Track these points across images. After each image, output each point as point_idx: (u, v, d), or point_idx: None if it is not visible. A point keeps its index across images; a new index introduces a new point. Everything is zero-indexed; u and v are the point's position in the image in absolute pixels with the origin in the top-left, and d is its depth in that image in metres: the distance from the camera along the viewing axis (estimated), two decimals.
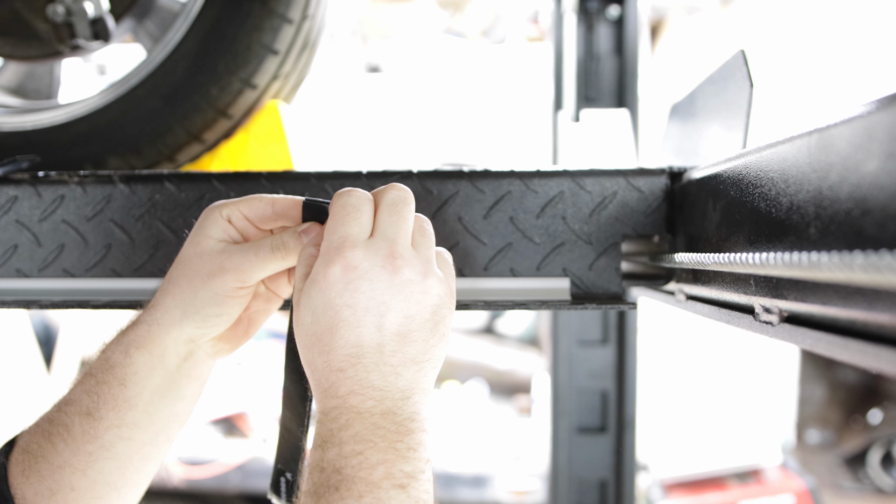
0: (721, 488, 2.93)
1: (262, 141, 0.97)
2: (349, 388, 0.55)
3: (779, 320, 0.50)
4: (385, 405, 0.55)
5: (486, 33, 4.13)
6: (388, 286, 0.57)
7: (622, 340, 1.76)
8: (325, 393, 0.56)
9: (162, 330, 0.64)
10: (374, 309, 0.56)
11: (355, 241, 0.58)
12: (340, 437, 0.54)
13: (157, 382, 0.65)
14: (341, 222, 0.59)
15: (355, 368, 0.56)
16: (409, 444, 0.54)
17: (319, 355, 0.57)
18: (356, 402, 0.55)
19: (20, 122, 0.96)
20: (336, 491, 0.51)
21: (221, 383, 3.60)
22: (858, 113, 0.38)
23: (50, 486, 0.63)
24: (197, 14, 0.90)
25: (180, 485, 3.34)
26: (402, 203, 0.61)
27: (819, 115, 0.43)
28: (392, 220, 0.60)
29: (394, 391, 0.56)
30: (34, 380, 2.88)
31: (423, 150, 3.82)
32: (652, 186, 0.78)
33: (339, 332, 0.56)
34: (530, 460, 3.32)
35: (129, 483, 0.66)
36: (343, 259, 0.57)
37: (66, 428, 0.63)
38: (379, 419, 0.54)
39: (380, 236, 0.59)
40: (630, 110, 1.72)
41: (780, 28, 3.55)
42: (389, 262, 0.57)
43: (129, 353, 0.64)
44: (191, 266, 0.64)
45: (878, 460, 3.69)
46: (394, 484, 0.52)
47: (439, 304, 0.59)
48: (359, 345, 0.56)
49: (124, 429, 0.64)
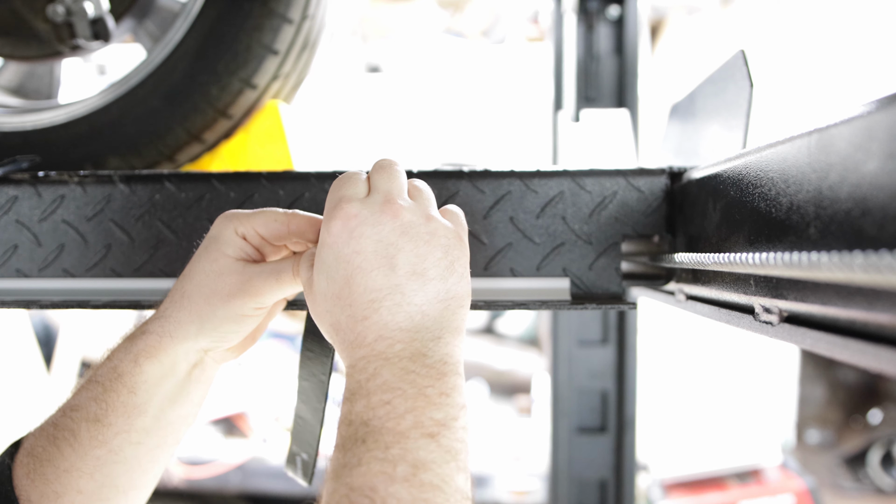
0: (721, 488, 2.93)
1: (262, 141, 0.97)
2: (377, 333, 0.54)
3: (779, 320, 0.50)
4: (414, 346, 0.53)
5: (486, 33, 4.13)
6: (392, 229, 0.56)
7: (622, 340, 1.76)
8: (351, 345, 0.55)
9: (175, 342, 0.64)
10: (383, 251, 0.56)
11: (352, 197, 0.58)
12: (368, 388, 0.52)
13: (167, 390, 0.66)
14: (339, 186, 0.60)
15: (379, 313, 0.54)
16: (441, 390, 0.52)
17: (342, 311, 0.56)
18: (384, 348, 0.53)
19: (20, 122, 0.96)
20: (363, 443, 0.49)
21: (221, 383, 3.60)
22: (858, 113, 0.38)
23: (56, 490, 0.63)
24: (197, 14, 0.90)
25: (180, 485, 3.34)
26: (390, 165, 0.62)
27: (819, 115, 0.43)
28: (384, 176, 0.61)
29: (422, 331, 0.54)
30: (34, 380, 2.88)
31: (423, 150, 3.82)
32: (652, 186, 0.78)
33: (355, 281, 0.55)
34: (530, 460, 3.32)
35: (137, 485, 0.67)
36: (342, 212, 0.57)
37: (72, 433, 0.63)
38: (408, 363, 0.52)
39: (374, 190, 0.60)
40: (630, 110, 1.72)
41: (780, 28, 3.55)
42: (388, 207, 0.57)
43: (138, 363, 0.64)
44: (208, 284, 0.64)
45: (878, 460, 3.69)
46: (423, 433, 0.49)
47: (448, 245, 0.58)
48: (377, 289, 0.55)
49: (133, 434, 0.64)
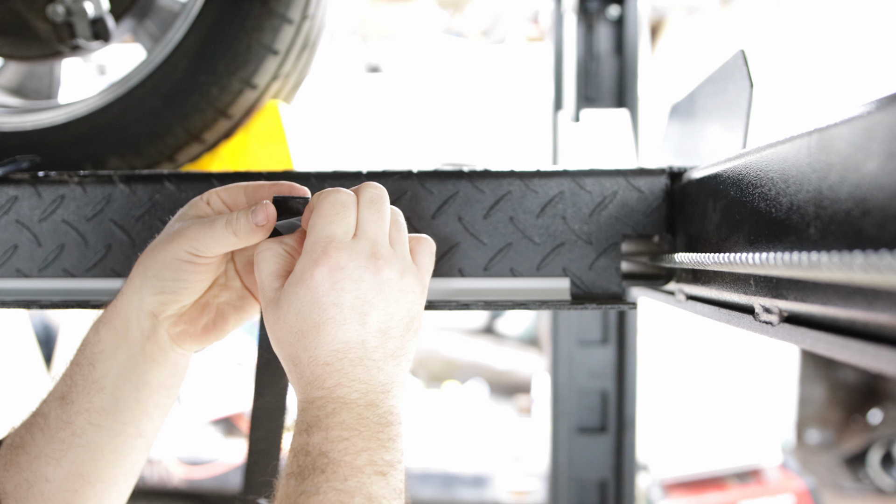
0: (721, 488, 2.93)
1: (262, 141, 0.97)
2: (336, 380, 0.58)
3: (779, 320, 0.50)
4: (368, 398, 0.59)
5: (486, 33, 4.13)
6: (370, 286, 0.60)
7: (622, 340, 1.76)
8: (309, 384, 0.59)
9: (124, 300, 0.66)
10: (359, 307, 0.60)
11: (340, 242, 0.60)
12: (328, 423, 0.56)
13: (122, 362, 0.66)
14: (329, 220, 0.61)
15: (341, 362, 0.59)
16: (389, 436, 0.58)
17: (304, 351, 0.59)
18: (343, 393, 0.58)
19: (20, 122, 0.96)
20: (322, 473, 0.54)
21: (221, 383, 3.60)
22: (858, 113, 0.38)
23: (27, 478, 0.64)
24: (197, 14, 0.90)
25: (180, 485, 3.35)
26: (379, 200, 0.64)
27: (819, 115, 0.43)
28: (373, 217, 0.63)
29: (376, 384, 0.59)
30: (34, 380, 2.88)
31: (423, 150, 3.82)
32: (652, 186, 0.78)
33: (326, 329, 0.59)
34: (530, 460, 3.32)
35: (103, 478, 0.67)
36: (329, 260, 0.59)
37: (44, 417, 0.66)
38: (363, 410, 0.58)
39: (362, 236, 0.62)
40: (630, 110, 1.72)
41: (780, 28, 3.55)
42: (372, 262, 0.61)
43: (98, 331, 0.67)
44: (158, 239, 0.67)
45: (878, 460, 3.69)
46: (375, 470, 0.55)
47: (413, 302, 0.63)
48: (345, 341, 0.59)
49: (93, 414, 0.65)
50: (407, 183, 0.79)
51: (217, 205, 0.69)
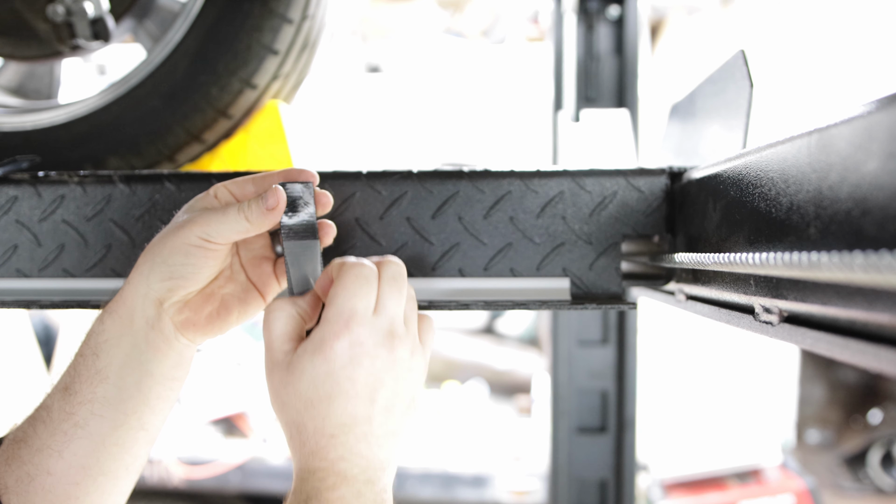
0: (721, 488, 2.93)
1: (262, 141, 0.97)
2: (339, 454, 0.60)
3: (779, 320, 0.50)
4: (368, 474, 0.61)
5: (486, 33, 4.13)
6: (384, 363, 0.62)
7: (622, 340, 1.76)
8: (311, 454, 0.61)
9: (130, 288, 0.66)
10: (371, 384, 0.61)
11: (362, 317, 0.62)
12: (327, 497, 0.58)
13: (126, 351, 0.66)
14: (353, 293, 0.62)
15: (347, 436, 0.60)
16: None
17: (311, 420, 0.61)
18: (344, 468, 0.60)
19: (20, 122, 0.96)
20: None
21: (221, 383, 3.60)
22: (858, 113, 0.38)
23: (28, 471, 0.64)
24: (197, 14, 0.90)
25: (180, 485, 3.35)
26: (401, 279, 0.66)
27: (819, 115, 0.43)
28: (393, 295, 0.64)
29: (375, 461, 0.61)
30: (34, 380, 2.88)
31: (423, 150, 3.82)
32: (652, 186, 0.78)
33: (338, 402, 0.60)
34: (530, 460, 3.32)
35: (105, 471, 0.66)
36: (351, 334, 0.61)
37: (46, 409, 0.65)
38: (362, 486, 0.60)
39: (383, 313, 0.63)
40: (630, 110, 1.73)
41: (780, 28, 3.55)
42: (388, 340, 0.62)
43: (102, 320, 0.67)
44: (166, 230, 0.68)
45: (878, 460, 3.69)
46: None
47: (417, 380, 0.66)
48: (353, 415, 0.61)
49: (96, 404, 0.65)
50: (407, 183, 0.79)
51: (225, 197, 0.69)
